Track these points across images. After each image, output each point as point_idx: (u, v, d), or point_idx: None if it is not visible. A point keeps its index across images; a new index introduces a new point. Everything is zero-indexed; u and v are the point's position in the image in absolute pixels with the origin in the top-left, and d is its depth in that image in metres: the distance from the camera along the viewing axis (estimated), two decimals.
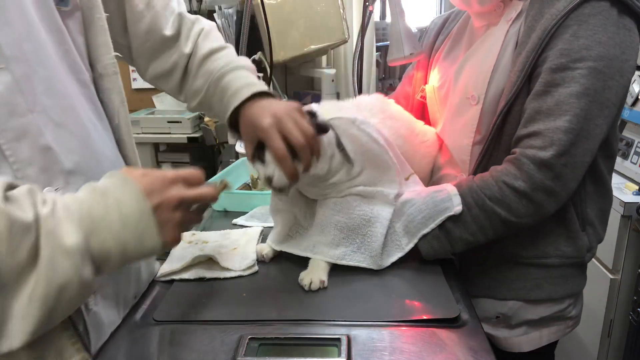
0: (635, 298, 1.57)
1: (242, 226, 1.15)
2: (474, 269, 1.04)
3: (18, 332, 0.49)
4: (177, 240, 0.64)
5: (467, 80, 1.02)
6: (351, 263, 0.90)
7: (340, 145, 0.90)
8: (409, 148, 1.05)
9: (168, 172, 0.65)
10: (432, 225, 0.90)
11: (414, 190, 0.98)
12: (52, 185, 0.65)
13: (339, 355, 0.68)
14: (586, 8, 0.84)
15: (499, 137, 0.95)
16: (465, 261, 1.05)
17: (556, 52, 0.85)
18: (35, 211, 0.51)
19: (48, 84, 0.67)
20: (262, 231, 1.09)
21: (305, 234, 0.97)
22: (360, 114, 0.97)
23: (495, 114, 0.94)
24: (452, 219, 0.90)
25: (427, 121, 1.22)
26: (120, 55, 0.87)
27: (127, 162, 0.86)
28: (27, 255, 0.49)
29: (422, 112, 1.24)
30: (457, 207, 0.89)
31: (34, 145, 0.62)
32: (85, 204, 0.56)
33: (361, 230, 0.92)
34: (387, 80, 2.90)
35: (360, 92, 1.77)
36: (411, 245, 0.92)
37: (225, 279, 0.90)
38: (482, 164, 0.98)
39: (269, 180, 0.81)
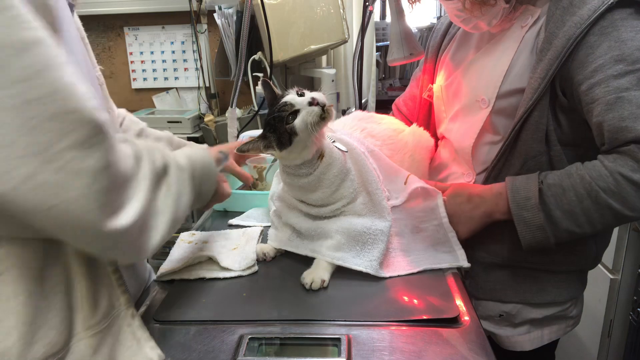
0: (635, 298, 1.57)
1: (238, 226, 1.14)
2: (481, 272, 1.04)
3: (162, 223, 0.63)
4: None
5: (477, 82, 1.02)
6: (348, 265, 0.90)
7: (332, 140, 0.94)
8: (395, 162, 1.07)
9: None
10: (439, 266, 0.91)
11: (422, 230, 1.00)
12: None
13: (339, 355, 0.68)
14: (616, 14, 0.84)
15: (515, 142, 0.95)
16: (471, 264, 1.05)
17: (610, 60, 0.84)
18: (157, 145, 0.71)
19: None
20: (262, 231, 1.09)
21: (307, 240, 0.98)
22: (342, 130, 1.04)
23: (514, 119, 0.94)
24: (561, 209, 0.86)
25: (433, 120, 1.23)
26: (102, 68, 0.91)
27: None
28: (162, 165, 0.66)
29: (428, 111, 1.24)
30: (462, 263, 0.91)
31: None
32: (184, 151, 0.78)
33: (361, 237, 0.92)
34: (387, 80, 2.91)
35: (360, 92, 1.77)
36: (418, 269, 0.91)
37: (225, 279, 0.90)
38: (497, 167, 0.99)
39: (314, 102, 0.84)
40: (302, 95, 0.87)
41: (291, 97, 0.86)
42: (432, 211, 1.01)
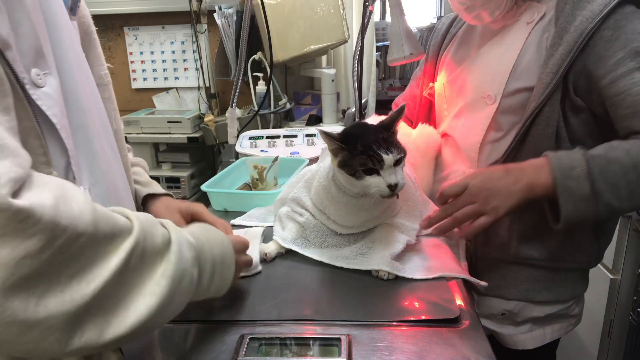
0: (635, 298, 1.57)
1: (240, 226, 1.14)
2: (485, 269, 1.04)
3: (142, 306, 0.53)
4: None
5: (482, 79, 1.02)
6: (360, 267, 0.90)
7: None
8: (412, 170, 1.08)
9: (243, 238, 0.82)
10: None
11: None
12: (94, 177, 0.73)
13: (339, 355, 0.68)
14: (627, 8, 0.86)
15: (525, 138, 0.95)
16: (476, 260, 1.05)
17: (630, 53, 0.84)
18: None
19: (73, 89, 0.70)
20: (264, 231, 1.08)
21: (314, 245, 0.98)
22: None
23: (525, 115, 0.94)
24: (605, 181, 0.83)
25: (433, 119, 1.23)
26: (111, 65, 0.90)
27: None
28: (162, 240, 0.58)
29: (428, 110, 1.25)
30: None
31: (75, 142, 0.69)
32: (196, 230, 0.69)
33: (381, 240, 0.93)
34: (387, 80, 2.91)
35: (360, 92, 1.77)
36: (433, 275, 0.89)
37: None
38: (505, 164, 0.98)
39: (392, 187, 0.83)
40: (398, 162, 0.84)
41: (390, 160, 0.83)
42: (452, 235, 1.03)
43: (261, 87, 2.08)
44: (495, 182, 0.90)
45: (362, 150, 0.83)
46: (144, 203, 0.97)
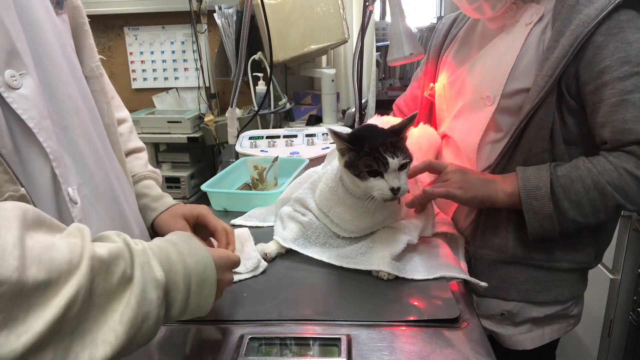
0: (635, 298, 1.57)
1: (240, 226, 1.14)
2: (484, 270, 1.04)
3: (95, 355, 0.47)
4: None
5: (481, 80, 1.02)
6: (360, 267, 0.90)
7: None
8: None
9: (233, 255, 0.72)
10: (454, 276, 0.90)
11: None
12: (82, 177, 0.70)
13: (339, 355, 0.68)
14: (622, 14, 0.86)
15: (519, 139, 0.96)
16: (475, 261, 1.05)
17: (616, 62, 0.85)
18: (127, 243, 0.54)
19: (58, 88, 0.68)
20: (257, 228, 1.08)
21: (315, 245, 0.98)
22: None
23: (520, 117, 0.94)
24: (569, 200, 0.89)
25: (434, 119, 1.23)
26: (104, 58, 0.89)
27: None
28: (120, 279, 0.50)
29: (429, 111, 1.25)
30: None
31: (60, 142, 0.67)
32: (164, 249, 0.60)
33: (382, 240, 0.93)
34: (387, 80, 2.91)
35: (360, 92, 1.78)
36: (434, 276, 0.89)
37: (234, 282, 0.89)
38: (501, 164, 0.99)
39: (395, 190, 0.84)
40: (403, 167, 0.85)
41: (394, 165, 0.83)
42: (453, 237, 1.04)
43: (261, 87, 2.08)
44: (469, 173, 0.98)
45: (369, 152, 0.84)
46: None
